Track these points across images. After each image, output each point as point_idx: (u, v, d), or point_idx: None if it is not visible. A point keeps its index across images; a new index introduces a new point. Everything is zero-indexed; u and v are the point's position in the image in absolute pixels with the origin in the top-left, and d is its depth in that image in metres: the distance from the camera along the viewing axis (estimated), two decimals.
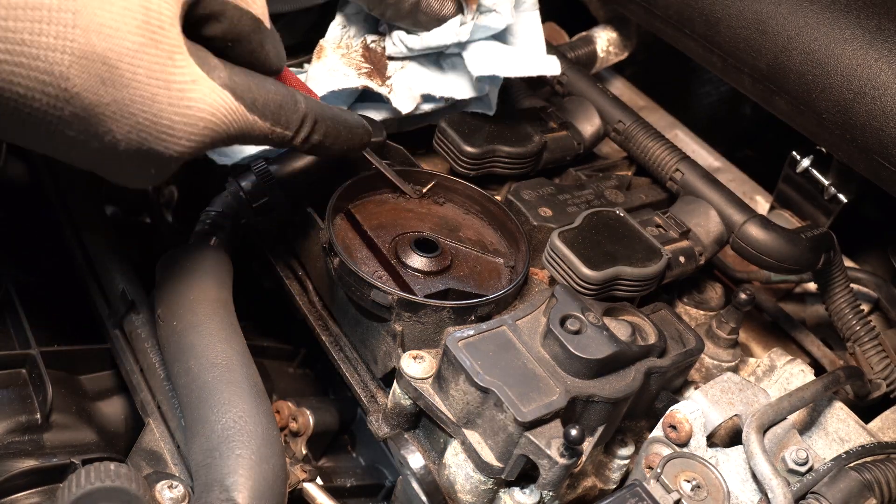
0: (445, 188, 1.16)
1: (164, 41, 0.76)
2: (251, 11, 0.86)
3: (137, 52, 0.74)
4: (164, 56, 0.76)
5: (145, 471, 0.96)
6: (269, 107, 0.88)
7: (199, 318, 0.97)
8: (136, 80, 0.74)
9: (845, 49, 1.11)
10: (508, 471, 0.88)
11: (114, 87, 0.74)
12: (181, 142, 0.80)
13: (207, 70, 0.80)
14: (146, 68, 0.75)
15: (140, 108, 0.76)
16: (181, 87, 0.77)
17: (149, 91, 0.75)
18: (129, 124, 0.76)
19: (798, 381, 1.07)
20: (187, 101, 0.78)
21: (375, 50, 1.21)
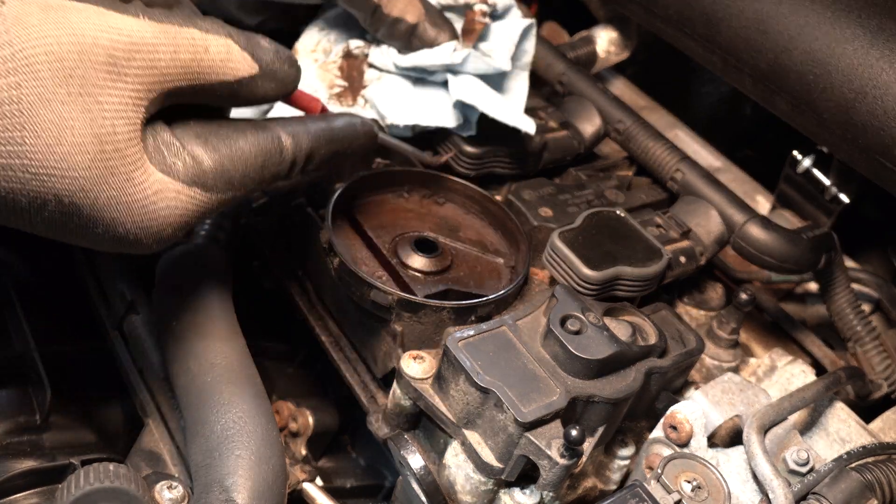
0: (445, 188, 1.16)
1: (119, 167, 0.73)
2: (225, 78, 0.81)
3: (92, 188, 0.72)
4: (122, 181, 0.74)
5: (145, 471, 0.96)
6: (249, 174, 0.83)
7: (199, 318, 0.97)
8: (96, 210, 0.73)
9: (846, 49, 1.11)
10: (508, 471, 0.88)
11: (78, 216, 0.73)
12: (153, 245, 0.79)
13: (170, 171, 0.77)
14: (104, 198, 0.73)
15: (106, 227, 0.75)
16: (143, 205, 0.76)
17: (110, 215, 0.74)
18: (102, 234, 0.76)
19: (799, 382, 1.07)
20: (151, 214, 0.76)
21: (357, 57, 1.21)
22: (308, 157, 0.88)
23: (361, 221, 1.07)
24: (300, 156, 0.87)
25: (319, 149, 0.89)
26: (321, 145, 0.89)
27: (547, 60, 1.41)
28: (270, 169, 0.85)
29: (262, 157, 0.84)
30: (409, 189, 1.15)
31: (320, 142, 0.89)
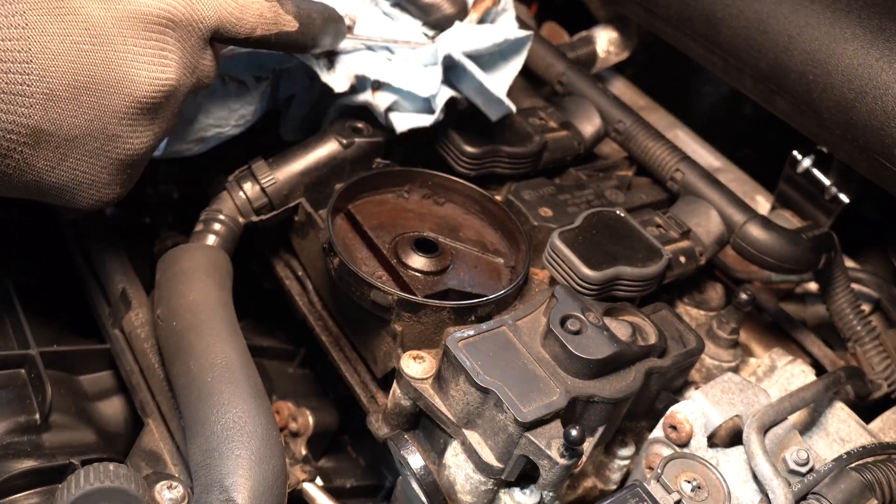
0: (445, 188, 1.16)
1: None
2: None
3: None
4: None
5: (145, 471, 0.96)
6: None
7: (199, 318, 0.96)
8: None
9: (846, 49, 1.11)
10: (508, 471, 0.88)
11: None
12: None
13: None
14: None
15: None
16: None
17: None
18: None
19: (799, 382, 1.07)
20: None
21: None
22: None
23: (361, 221, 1.07)
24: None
25: (303, 9, 0.98)
26: (306, 7, 0.98)
27: (547, 60, 1.41)
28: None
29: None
30: (409, 189, 1.15)
31: (304, 4, 0.98)
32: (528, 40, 1.17)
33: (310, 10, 0.99)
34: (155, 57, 0.85)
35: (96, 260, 1.16)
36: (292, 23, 0.96)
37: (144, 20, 0.83)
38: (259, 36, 0.94)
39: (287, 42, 0.98)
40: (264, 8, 0.93)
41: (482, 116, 1.24)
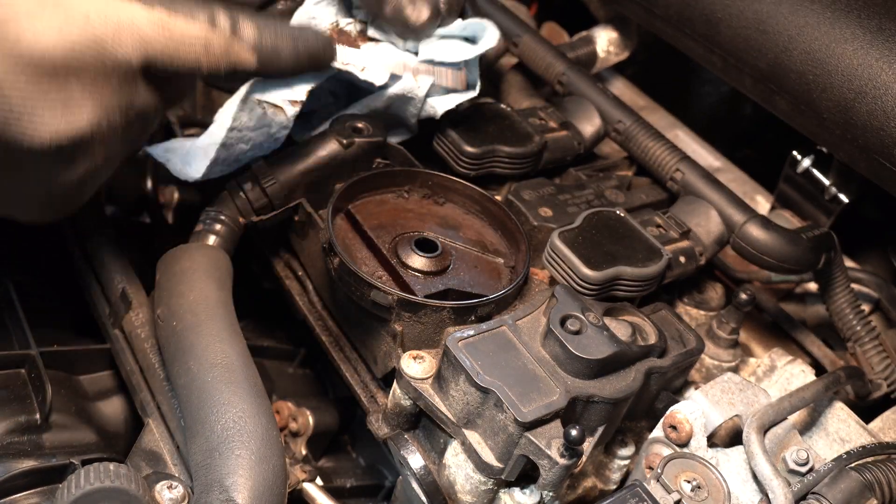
0: (445, 188, 1.16)
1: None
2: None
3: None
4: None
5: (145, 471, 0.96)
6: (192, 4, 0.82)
7: (199, 318, 0.96)
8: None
9: (846, 49, 1.11)
10: (508, 471, 0.88)
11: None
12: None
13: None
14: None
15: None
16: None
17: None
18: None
19: (798, 382, 1.07)
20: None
21: (349, 33, 1.19)
22: (240, 19, 0.86)
23: (361, 221, 1.07)
24: (234, 12, 0.86)
25: (255, 19, 0.87)
26: (258, 19, 0.87)
27: (547, 60, 1.41)
28: (210, 10, 0.84)
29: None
30: (409, 189, 1.15)
31: (258, 18, 0.87)
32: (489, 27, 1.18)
33: (276, 42, 0.88)
34: (57, 108, 0.76)
35: (96, 260, 1.16)
36: (248, 58, 0.86)
37: (40, 69, 0.75)
38: (207, 70, 0.84)
39: (251, 75, 0.89)
40: (210, 39, 0.83)
41: (482, 116, 1.24)
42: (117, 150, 0.87)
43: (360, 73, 1.12)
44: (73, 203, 0.89)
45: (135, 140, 0.90)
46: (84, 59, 0.77)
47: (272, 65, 0.88)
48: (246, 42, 0.86)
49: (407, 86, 1.15)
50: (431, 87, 1.15)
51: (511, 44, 1.46)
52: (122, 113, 0.83)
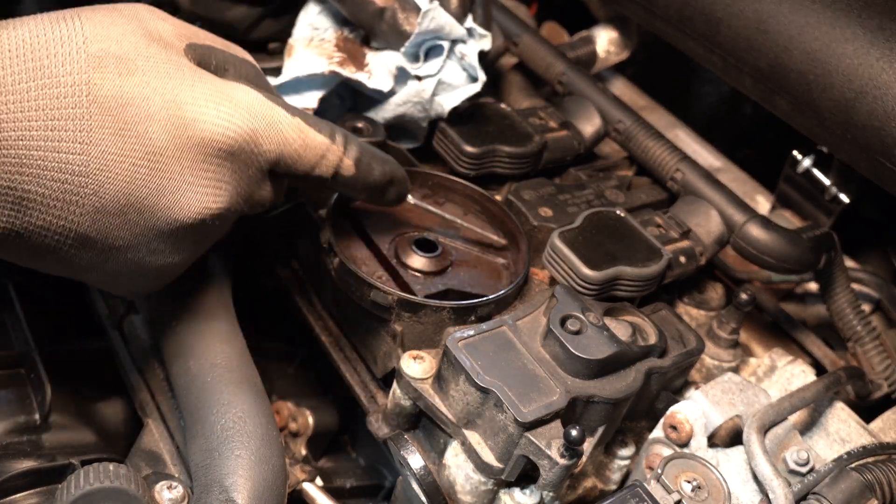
0: (445, 188, 1.16)
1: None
2: (249, 60, 0.93)
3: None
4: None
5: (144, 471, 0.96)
6: (313, 120, 0.91)
7: (199, 318, 0.97)
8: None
9: (846, 48, 1.11)
10: (508, 471, 0.88)
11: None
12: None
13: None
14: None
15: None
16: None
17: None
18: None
19: (799, 382, 1.07)
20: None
21: (353, 40, 1.21)
22: (347, 140, 0.93)
23: (361, 221, 1.07)
24: (340, 133, 0.93)
25: (355, 142, 0.95)
26: (355, 141, 0.95)
27: (547, 60, 1.41)
28: (328, 127, 0.92)
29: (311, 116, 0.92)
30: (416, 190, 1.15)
31: (354, 139, 0.95)
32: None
33: (371, 161, 0.96)
34: (209, 187, 0.83)
35: None
36: (350, 168, 0.94)
37: (206, 150, 0.82)
38: (316, 175, 0.92)
39: (340, 186, 0.96)
40: (329, 150, 0.91)
41: (482, 116, 1.24)
42: (221, 236, 0.93)
43: (367, 82, 1.14)
44: (166, 281, 0.92)
45: (225, 232, 0.94)
46: (240, 147, 0.85)
47: (365, 179, 0.96)
48: (351, 158, 0.94)
49: (412, 89, 1.16)
50: (437, 85, 1.16)
51: (511, 44, 1.46)
52: (246, 202, 0.90)
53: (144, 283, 0.90)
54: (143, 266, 0.86)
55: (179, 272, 0.92)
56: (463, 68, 1.17)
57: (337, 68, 1.15)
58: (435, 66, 1.16)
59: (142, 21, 0.83)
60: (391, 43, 1.16)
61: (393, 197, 1.02)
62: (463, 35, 1.16)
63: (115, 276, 0.86)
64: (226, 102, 0.84)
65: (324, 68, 1.15)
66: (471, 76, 1.18)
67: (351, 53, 1.19)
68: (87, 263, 0.82)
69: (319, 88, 1.17)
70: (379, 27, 1.15)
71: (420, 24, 1.12)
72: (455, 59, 1.17)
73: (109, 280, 0.88)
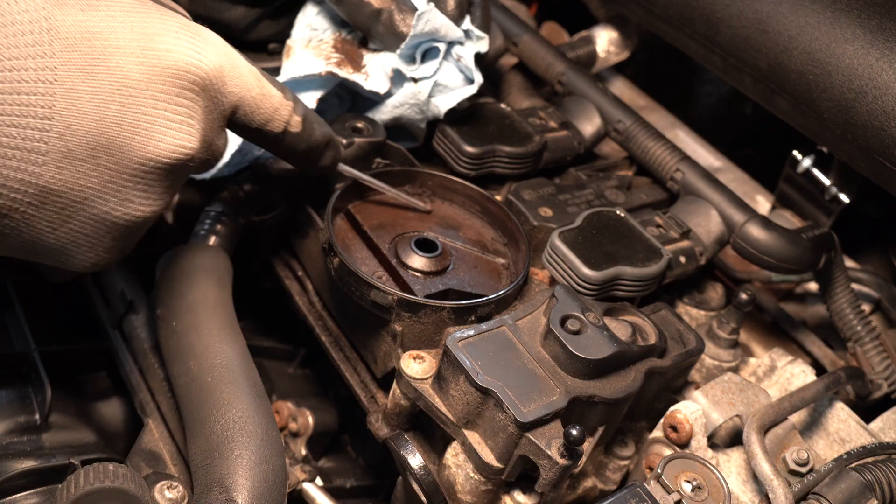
0: (445, 188, 1.16)
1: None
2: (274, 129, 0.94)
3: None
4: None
5: (145, 471, 0.96)
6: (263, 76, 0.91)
7: (199, 318, 0.96)
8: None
9: (846, 49, 1.11)
10: (508, 471, 0.88)
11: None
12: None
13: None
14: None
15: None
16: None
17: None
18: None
19: (799, 382, 1.07)
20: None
21: (351, 41, 1.21)
22: (295, 103, 0.93)
23: (361, 221, 1.07)
24: (290, 95, 0.93)
25: (309, 117, 0.95)
26: (311, 117, 0.96)
27: (547, 60, 1.41)
28: (278, 85, 0.92)
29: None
30: (409, 189, 1.15)
31: (311, 114, 0.96)
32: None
33: (314, 122, 0.98)
34: (183, 123, 0.80)
35: None
36: (298, 125, 0.94)
37: (179, 83, 0.79)
38: (268, 130, 0.92)
39: (287, 145, 0.95)
40: (282, 105, 0.91)
41: (482, 116, 1.24)
42: (176, 192, 0.89)
43: (364, 84, 1.14)
44: (129, 243, 0.88)
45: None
46: (210, 83, 0.82)
47: (309, 137, 0.97)
48: (300, 114, 0.94)
49: (409, 91, 1.16)
50: (434, 86, 1.16)
51: (511, 44, 1.46)
52: (208, 149, 0.86)
53: (107, 248, 0.84)
54: (110, 222, 0.80)
55: (145, 230, 0.87)
56: (459, 70, 1.17)
57: (334, 69, 1.15)
58: (431, 69, 1.16)
59: None
60: (388, 44, 1.16)
61: (329, 161, 1.01)
62: (460, 37, 1.16)
63: (75, 241, 0.80)
64: (195, 36, 0.81)
65: (321, 69, 1.15)
66: (467, 78, 1.18)
67: (348, 55, 1.19)
68: (45, 226, 0.76)
69: (317, 89, 1.17)
70: (376, 29, 1.15)
71: (415, 27, 1.12)
72: (452, 60, 1.17)
73: (69, 249, 0.81)
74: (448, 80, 1.17)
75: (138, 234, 0.88)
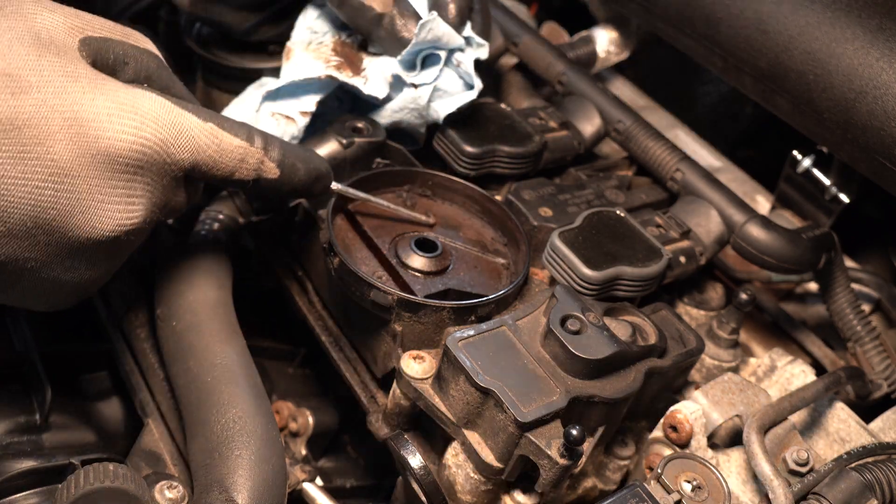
0: (445, 188, 1.16)
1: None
2: (150, 50, 0.89)
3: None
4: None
5: (145, 471, 0.96)
6: (233, 123, 0.89)
7: (199, 318, 0.97)
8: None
9: (846, 49, 1.11)
10: (508, 471, 0.88)
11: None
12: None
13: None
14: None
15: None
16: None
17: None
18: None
19: (799, 382, 1.07)
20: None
21: (351, 45, 1.21)
22: (267, 142, 0.92)
23: (361, 221, 1.07)
24: (260, 135, 0.91)
25: (276, 141, 0.93)
26: (276, 140, 0.93)
27: (547, 60, 1.41)
28: (246, 130, 0.90)
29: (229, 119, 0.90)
30: (409, 189, 1.15)
31: (275, 139, 0.93)
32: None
33: (295, 161, 0.94)
34: (121, 203, 0.81)
35: None
36: (273, 171, 0.92)
37: (114, 163, 0.79)
38: (236, 179, 0.90)
39: (264, 189, 0.94)
40: (248, 153, 0.89)
41: (482, 116, 1.24)
42: (135, 248, 0.91)
43: (363, 88, 1.14)
44: (85, 295, 0.90)
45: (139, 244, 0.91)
46: (151, 159, 0.82)
47: (290, 180, 0.95)
48: (273, 160, 0.92)
49: (408, 97, 1.16)
50: (433, 91, 1.16)
51: (511, 44, 1.46)
52: (161, 211, 0.87)
53: (63, 299, 0.88)
54: (59, 283, 0.84)
55: (99, 286, 0.90)
56: (459, 76, 1.17)
57: (333, 72, 1.15)
58: (431, 75, 1.16)
59: (28, 21, 0.78)
60: (389, 49, 1.16)
61: (318, 191, 1.01)
62: (461, 44, 1.15)
63: (30, 293, 0.84)
64: (130, 114, 0.80)
65: (320, 72, 1.15)
66: (467, 84, 1.18)
67: (348, 58, 1.19)
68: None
69: (317, 92, 1.17)
70: (377, 33, 1.15)
71: (417, 35, 1.11)
72: (452, 66, 1.17)
73: (25, 298, 0.85)
74: (448, 85, 1.17)
75: (93, 290, 0.90)
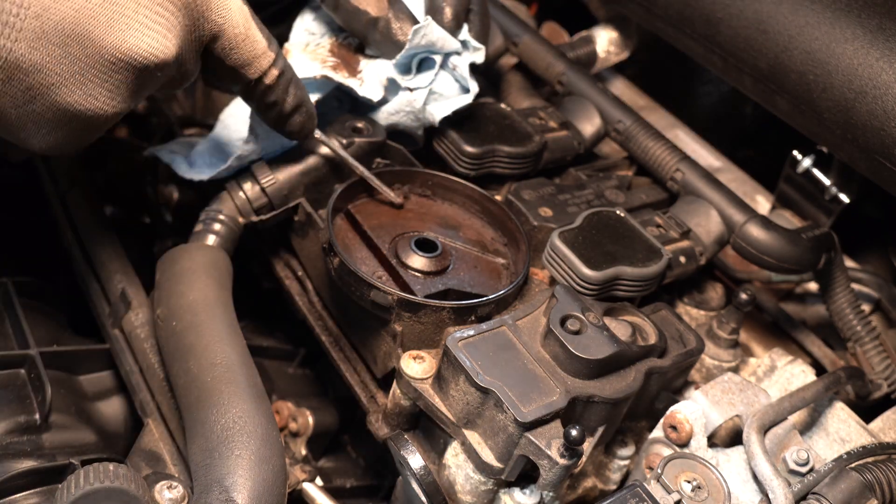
0: (445, 188, 1.16)
1: None
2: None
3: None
4: None
5: (144, 471, 0.96)
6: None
7: (199, 318, 0.96)
8: None
9: (846, 49, 1.11)
10: (508, 471, 0.88)
11: None
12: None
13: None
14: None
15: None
16: None
17: None
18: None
19: (799, 382, 1.07)
20: None
21: (348, 46, 1.21)
22: (276, 58, 0.94)
23: (361, 221, 1.07)
24: (275, 48, 0.94)
25: (288, 75, 0.97)
26: (291, 75, 0.97)
27: (547, 60, 1.41)
28: (266, 34, 0.93)
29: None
30: (409, 189, 1.15)
31: (292, 74, 0.97)
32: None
33: (292, 83, 0.99)
34: (159, 32, 0.81)
35: (96, 260, 1.16)
36: (273, 79, 0.96)
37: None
38: (241, 73, 0.93)
39: (257, 94, 0.97)
40: (264, 54, 0.92)
41: (482, 116, 1.24)
42: (143, 98, 0.90)
43: (358, 89, 1.14)
44: (88, 137, 0.88)
45: (145, 95, 0.91)
46: (194, 4, 0.84)
47: (281, 97, 0.98)
48: (278, 69, 0.95)
49: (404, 100, 1.16)
50: (429, 94, 1.16)
51: (511, 44, 1.46)
52: (180, 65, 0.87)
53: (64, 136, 0.85)
54: (72, 112, 0.81)
55: (106, 127, 0.88)
56: (455, 79, 1.17)
57: (329, 73, 1.15)
58: (426, 79, 1.16)
59: None
60: (385, 52, 1.16)
61: (297, 126, 1.02)
62: (457, 48, 1.15)
63: (36, 123, 0.81)
64: None
65: (316, 72, 1.14)
66: (463, 87, 1.18)
67: (345, 59, 1.19)
68: (8, 101, 0.77)
69: (313, 93, 1.17)
70: (372, 37, 1.15)
71: (411, 41, 1.11)
72: (447, 70, 1.17)
73: (29, 129, 0.82)
74: (443, 88, 1.17)
75: (98, 131, 0.88)
